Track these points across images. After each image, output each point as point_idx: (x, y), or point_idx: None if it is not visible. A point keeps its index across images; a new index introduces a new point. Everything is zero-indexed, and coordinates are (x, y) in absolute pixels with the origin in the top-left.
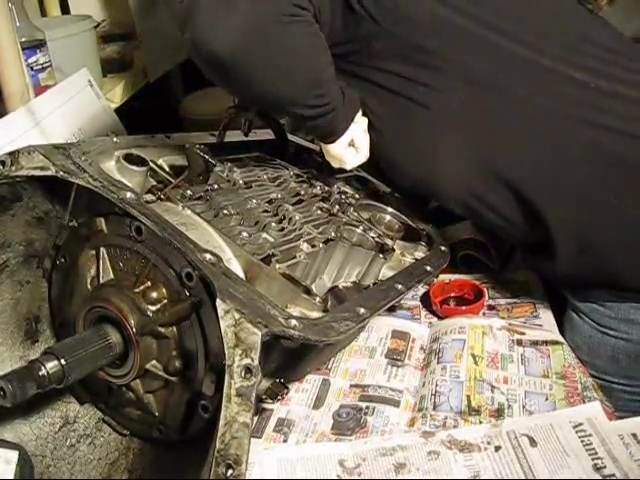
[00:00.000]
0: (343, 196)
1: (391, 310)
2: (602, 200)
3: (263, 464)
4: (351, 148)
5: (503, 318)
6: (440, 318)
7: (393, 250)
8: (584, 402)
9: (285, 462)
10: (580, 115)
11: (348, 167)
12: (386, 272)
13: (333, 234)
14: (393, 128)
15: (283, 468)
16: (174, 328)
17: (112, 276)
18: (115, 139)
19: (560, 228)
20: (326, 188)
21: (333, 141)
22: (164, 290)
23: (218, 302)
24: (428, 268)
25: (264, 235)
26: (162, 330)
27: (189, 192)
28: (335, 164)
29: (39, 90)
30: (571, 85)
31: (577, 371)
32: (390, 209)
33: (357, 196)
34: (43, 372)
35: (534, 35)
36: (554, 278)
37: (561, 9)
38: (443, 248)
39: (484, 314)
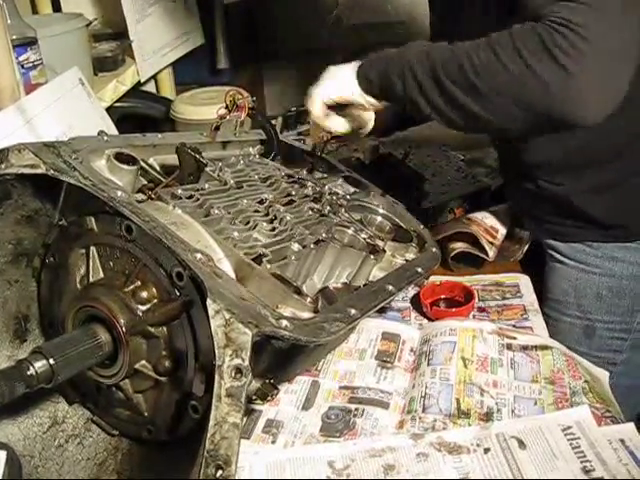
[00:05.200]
0: (334, 197)
1: (381, 311)
2: None
3: (252, 466)
4: None
5: (493, 321)
6: (430, 320)
7: (384, 251)
8: (573, 407)
9: (274, 463)
10: None
11: None
12: (377, 273)
13: (324, 235)
14: None
15: (272, 469)
16: (164, 328)
17: (102, 275)
18: (106, 138)
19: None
20: (317, 189)
21: None
22: (154, 290)
23: (208, 302)
24: (419, 269)
25: (255, 235)
26: (152, 330)
27: (180, 191)
28: None
29: (30, 88)
30: None
31: (566, 376)
32: (381, 210)
33: (348, 197)
34: (31, 371)
35: None
36: (547, 214)
37: None
38: (434, 250)
39: (474, 316)
